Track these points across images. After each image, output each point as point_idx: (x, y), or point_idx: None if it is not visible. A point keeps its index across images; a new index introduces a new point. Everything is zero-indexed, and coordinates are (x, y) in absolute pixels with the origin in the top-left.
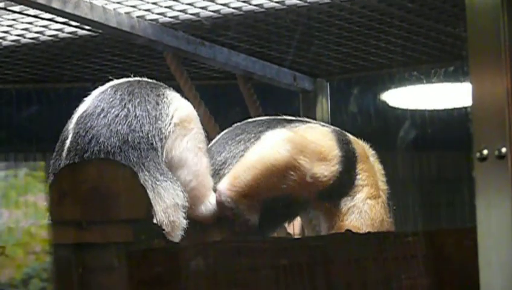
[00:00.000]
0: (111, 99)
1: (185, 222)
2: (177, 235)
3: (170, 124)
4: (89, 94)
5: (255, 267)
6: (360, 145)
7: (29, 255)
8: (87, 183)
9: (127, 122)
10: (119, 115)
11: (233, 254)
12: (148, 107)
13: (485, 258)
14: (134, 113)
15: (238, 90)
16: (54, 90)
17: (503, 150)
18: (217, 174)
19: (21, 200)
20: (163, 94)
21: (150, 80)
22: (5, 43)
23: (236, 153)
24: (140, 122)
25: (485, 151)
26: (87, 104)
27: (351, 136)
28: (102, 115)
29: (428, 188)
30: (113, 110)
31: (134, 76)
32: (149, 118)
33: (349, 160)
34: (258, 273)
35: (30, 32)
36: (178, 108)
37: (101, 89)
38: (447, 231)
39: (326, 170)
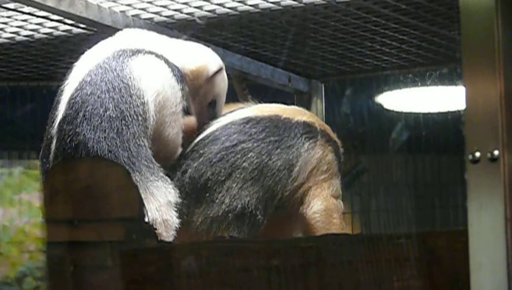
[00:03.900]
0: (91, 102)
1: (177, 221)
2: (170, 235)
3: (148, 110)
4: (61, 89)
5: (247, 268)
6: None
7: (24, 253)
8: (80, 181)
9: (111, 127)
10: (103, 121)
11: (225, 254)
12: (126, 106)
13: (476, 260)
14: (116, 116)
15: (233, 91)
16: (49, 88)
17: (496, 152)
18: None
19: (15, 198)
20: (131, 77)
21: (114, 56)
22: None
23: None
24: (126, 124)
25: (478, 154)
26: (64, 104)
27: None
28: (85, 122)
29: (422, 190)
30: (96, 117)
31: None
32: (131, 117)
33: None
34: (251, 274)
35: (25, 29)
36: (148, 85)
37: (73, 85)
38: (439, 233)
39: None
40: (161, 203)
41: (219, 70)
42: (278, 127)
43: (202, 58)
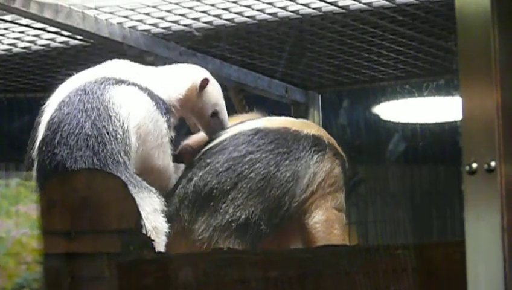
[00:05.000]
0: (67, 121)
1: (166, 226)
2: (161, 241)
3: (128, 137)
4: (41, 110)
5: (245, 279)
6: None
7: (21, 265)
8: (76, 193)
9: (88, 146)
10: (79, 140)
11: (223, 266)
12: (104, 123)
13: (473, 271)
14: (93, 134)
15: (230, 102)
16: (46, 99)
17: (493, 163)
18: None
19: (12, 209)
20: (110, 101)
21: (96, 81)
22: None
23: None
24: (102, 142)
25: (474, 165)
26: (43, 126)
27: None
28: (62, 142)
29: (419, 201)
30: (72, 136)
31: None
32: (108, 135)
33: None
34: (248, 285)
35: (22, 41)
36: (129, 114)
37: (52, 105)
38: (436, 244)
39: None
40: (148, 211)
41: (205, 83)
42: (287, 140)
43: (186, 81)
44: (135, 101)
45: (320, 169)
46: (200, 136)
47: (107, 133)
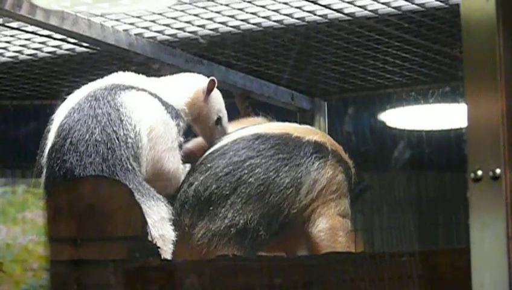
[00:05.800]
0: (77, 127)
1: (173, 234)
2: (168, 249)
3: (139, 140)
4: (51, 119)
5: (250, 286)
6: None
7: (27, 271)
8: (83, 200)
9: (97, 152)
10: (89, 146)
11: (228, 273)
12: (114, 128)
13: (478, 278)
14: (102, 140)
15: (236, 109)
16: (52, 106)
17: (498, 171)
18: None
19: (19, 216)
20: (122, 105)
21: (106, 88)
22: (2, 59)
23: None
24: (111, 148)
25: (480, 172)
26: (53, 133)
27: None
28: (72, 149)
29: (425, 208)
30: (82, 143)
31: None
32: (118, 140)
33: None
34: None
35: (28, 48)
36: (142, 117)
37: (62, 112)
38: (442, 251)
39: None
40: (155, 219)
41: (212, 84)
42: (288, 145)
43: (193, 85)
44: (147, 105)
45: (321, 176)
46: (201, 139)
47: (117, 139)
